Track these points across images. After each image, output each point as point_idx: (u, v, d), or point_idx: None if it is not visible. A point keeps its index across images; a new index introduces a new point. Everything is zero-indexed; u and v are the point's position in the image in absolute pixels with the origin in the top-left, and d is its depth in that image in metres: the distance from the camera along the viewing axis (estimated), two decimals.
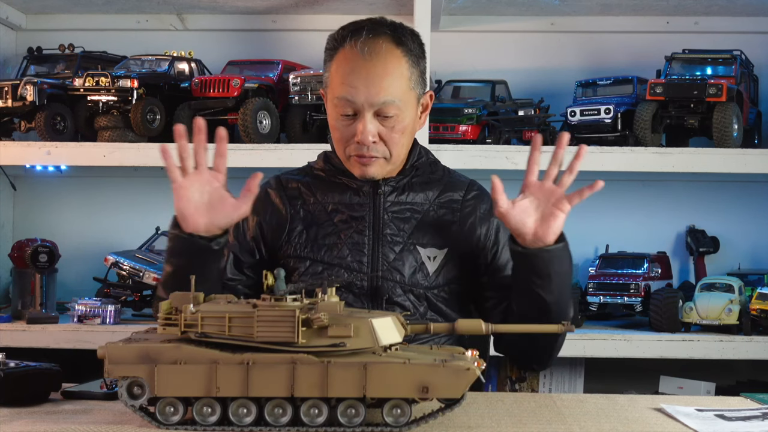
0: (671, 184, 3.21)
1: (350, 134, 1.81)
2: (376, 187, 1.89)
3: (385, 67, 1.78)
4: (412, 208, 1.90)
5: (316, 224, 1.88)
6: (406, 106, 1.81)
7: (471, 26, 3.26)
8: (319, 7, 3.18)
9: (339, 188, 1.91)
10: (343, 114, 1.81)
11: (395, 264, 1.85)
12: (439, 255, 1.87)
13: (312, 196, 1.92)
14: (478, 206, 1.95)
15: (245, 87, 2.88)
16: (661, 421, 1.51)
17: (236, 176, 3.36)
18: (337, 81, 1.81)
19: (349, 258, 1.84)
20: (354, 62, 1.79)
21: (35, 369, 1.59)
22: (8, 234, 3.32)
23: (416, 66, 1.84)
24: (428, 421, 1.37)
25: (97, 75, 2.88)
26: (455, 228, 1.91)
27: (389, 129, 1.80)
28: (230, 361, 1.34)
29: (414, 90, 1.84)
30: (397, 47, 1.81)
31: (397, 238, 1.86)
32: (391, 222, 1.87)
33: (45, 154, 2.89)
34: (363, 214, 1.88)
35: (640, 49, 3.21)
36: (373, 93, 1.77)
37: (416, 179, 1.93)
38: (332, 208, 1.89)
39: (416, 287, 1.85)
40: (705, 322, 2.74)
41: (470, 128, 2.87)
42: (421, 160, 1.94)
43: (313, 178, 1.96)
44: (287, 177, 1.98)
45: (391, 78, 1.78)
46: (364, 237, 1.86)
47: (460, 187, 1.96)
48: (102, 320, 2.81)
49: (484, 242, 1.93)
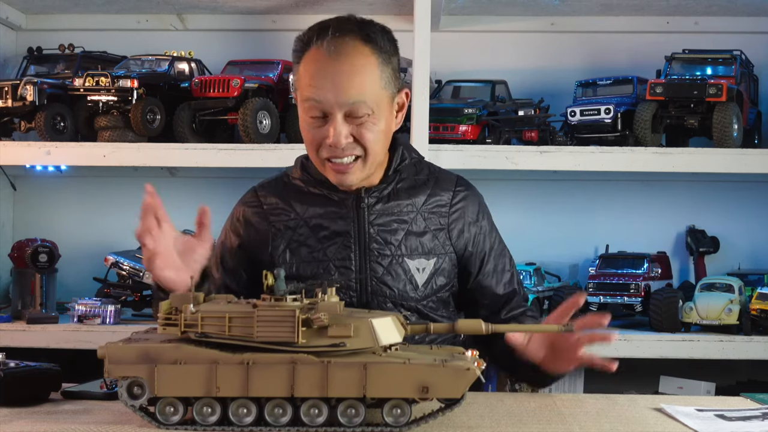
0: (671, 184, 3.21)
1: (321, 137, 1.75)
2: (359, 201, 1.83)
3: (352, 65, 1.71)
4: (398, 218, 1.84)
5: (298, 242, 1.83)
6: (378, 106, 1.74)
7: (471, 26, 3.26)
8: (319, 7, 3.18)
9: (319, 201, 1.85)
10: (313, 116, 1.75)
11: (384, 279, 1.81)
12: (428, 266, 1.84)
13: (292, 211, 1.86)
14: (467, 210, 1.91)
15: (245, 87, 2.88)
16: (661, 421, 1.51)
17: (236, 176, 3.35)
18: (305, 83, 1.74)
19: (336, 275, 1.80)
20: (321, 63, 1.72)
21: (35, 369, 1.59)
22: (8, 234, 3.32)
23: (387, 64, 1.76)
24: (428, 421, 1.37)
25: (97, 75, 2.88)
26: (443, 235, 1.87)
27: (361, 128, 1.73)
28: (230, 361, 1.34)
29: (386, 89, 1.76)
30: (366, 45, 1.73)
31: (385, 252, 1.82)
32: (377, 236, 1.82)
33: (45, 154, 2.89)
34: (347, 229, 1.82)
35: (640, 49, 3.21)
36: (341, 93, 1.71)
37: (401, 184, 1.87)
38: (315, 223, 1.83)
39: (406, 300, 1.82)
40: (705, 322, 2.74)
41: (470, 128, 2.87)
42: (404, 162, 1.88)
43: (291, 190, 1.89)
44: (264, 191, 1.92)
45: (360, 77, 1.71)
46: (350, 252, 1.81)
47: (448, 187, 1.91)
48: (102, 320, 2.81)
49: (472, 248, 1.90)
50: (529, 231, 3.12)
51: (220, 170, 3.11)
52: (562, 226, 3.23)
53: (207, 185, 3.28)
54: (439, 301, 1.87)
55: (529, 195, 3.23)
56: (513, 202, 3.18)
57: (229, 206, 2.00)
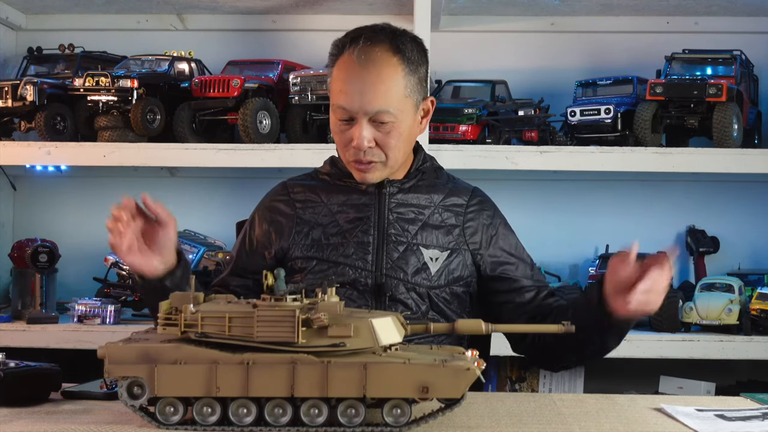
0: (671, 184, 3.21)
1: (348, 139, 1.84)
2: (381, 187, 1.91)
3: (379, 75, 1.80)
4: (416, 209, 1.92)
5: (321, 225, 1.91)
6: (402, 113, 1.83)
7: (471, 26, 3.26)
8: (319, 7, 3.18)
9: (344, 190, 1.94)
10: (341, 119, 1.84)
11: (399, 263, 1.87)
12: (441, 257, 1.89)
13: (318, 199, 1.94)
14: (481, 213, 1.97)
15: (245, 87, 2.88)
16: (661, 421, 1.51)
17: (236, 176, 3.36)
18: (336, 88, 1.84)
19: (354, 256, 1.86)
20: (350, 70, 1.81)
21: (35, 369, 1.59)
22: (8, 234, 3.32)
23: (414, 73, 1.84)
24: (428, 421, 1.37)
25: (97, 75, 2.88)
26: (458, 232, 1.93)
27: (384, 134, 1.82)
28: (230, 361, 1.34)
29: (410, 97, 1.84)
30: (394, 55, 1.82)
31: (401, 238, 1.88)
32: (396, 222, 1.89)
33: (45, 154, 2.89)
34: (368, 214, 1.90)
35: (640, 49, 3.21)
36: (366, 102, 1.79)
37: (422, 182, 1.96)
38: (337, 209, 1.91)
39: (419, 286, 1.87)
40: (705, 322, 2.74)
41: (470, 128, 2.87)
42: (425, 164, 1.98)
43: (318, 182, 1.99)
44: (293, 182, 2.01)
45: (385, 86, 1.80)
46: (369, 236, 1.88)
47: (464, 194, 1.99)
48: (102, 320, 2.81)
49: (484, 250, 1.95)
50: (529, 231, 3.09)
51: (220, 170, 3.12)
52: (562, 226, 3.23)
53: (207, 185, 3.28)
54: (452, 294, 1.91)
55: (529, 195, 3.23)
56: (513, 202, 3.14)
57: (229, 206, 2.01)
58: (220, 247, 3.05)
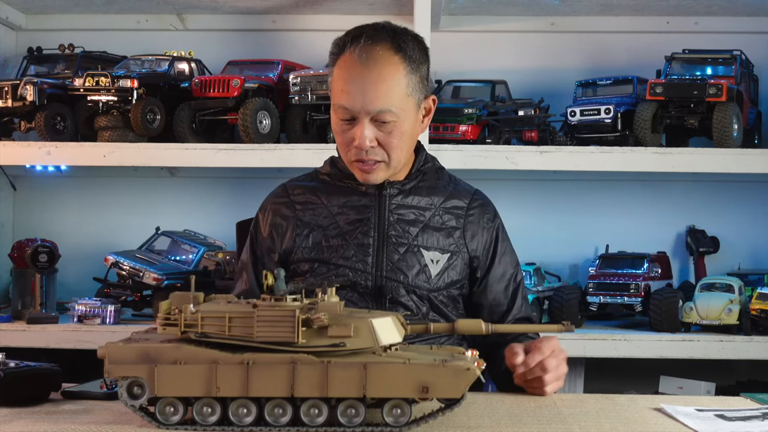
0: (671, 184, 3.21)
1: (349, 139, 1.83)
2: (381, 189, 1.90)
3: (380, 74, 1.79)
4: (417, 211, 1.91)
5: (321, 227, 1.90)
6: (404, 112, 1.82)
7: (471, 26, 3.26)
8: (319, 7, 3.18)
9: (344, 191, 1.93)
10: (342, 119, 1.83)
11: (399, 265, 1.86)
12: (442, 259, 1.89)
13: (318, 201, 1.94)
14: (482, 215, 1.97)
15: (245, 87, 2.88)
16: (661, 421, 1.51)
17: (236, 176, 3.36)
18: (337, 88, 1.83)
19: (354, 258, 1.86)
20: (352, 69, 1.80)
21: (35, 369, 1.59)
22: (8, 234, 3.32)
23: (415, 72, 1.84)
24: (428, 421, 1.37)
25: (97, 75, 2.88)
26: (458, 234, 1.93)
27: (387, 134, 1.82)
28: (230, 361, 1.34)
29: (412, 96, 1.84)
30: (396, 53, 1.81)
31: (402, 240, 1.88)
32: (396, 224, 1.89)
33: (45, 154, 2.89)
34: (368, 215, 1.89)
35: (640, 49, 3.21)
36: (367, 101, 1.79)
37: (423, 183, 1.95)
38: (338, 210, 1.91)
39: (419, 288, 1.87)
40: (705, 322, 2.74)
41: (470, 128, 2.87)
42: (427, 165, 1.97)
43: (319, 182, 1.98)
44: (293, 184, 2.00)
45: (387, 85, 1.79)
46: (369, 238, 1.87)
47: (465, 196, 1.98)
48: (102, 320, 2.81)
49: (483, 252, 1.96)
50: (529, 231, 3.12)
51: (220, 170, 3.12)
52: (562, 226, 3.23)
53: (207, 185, 3.28)
54: (449, 297, 1.91)
55: (529, 195, 3.23)
56: (513, 202, 3.18)
57: (229, 206, 2.01)
58: (220, 247, 3.05)
